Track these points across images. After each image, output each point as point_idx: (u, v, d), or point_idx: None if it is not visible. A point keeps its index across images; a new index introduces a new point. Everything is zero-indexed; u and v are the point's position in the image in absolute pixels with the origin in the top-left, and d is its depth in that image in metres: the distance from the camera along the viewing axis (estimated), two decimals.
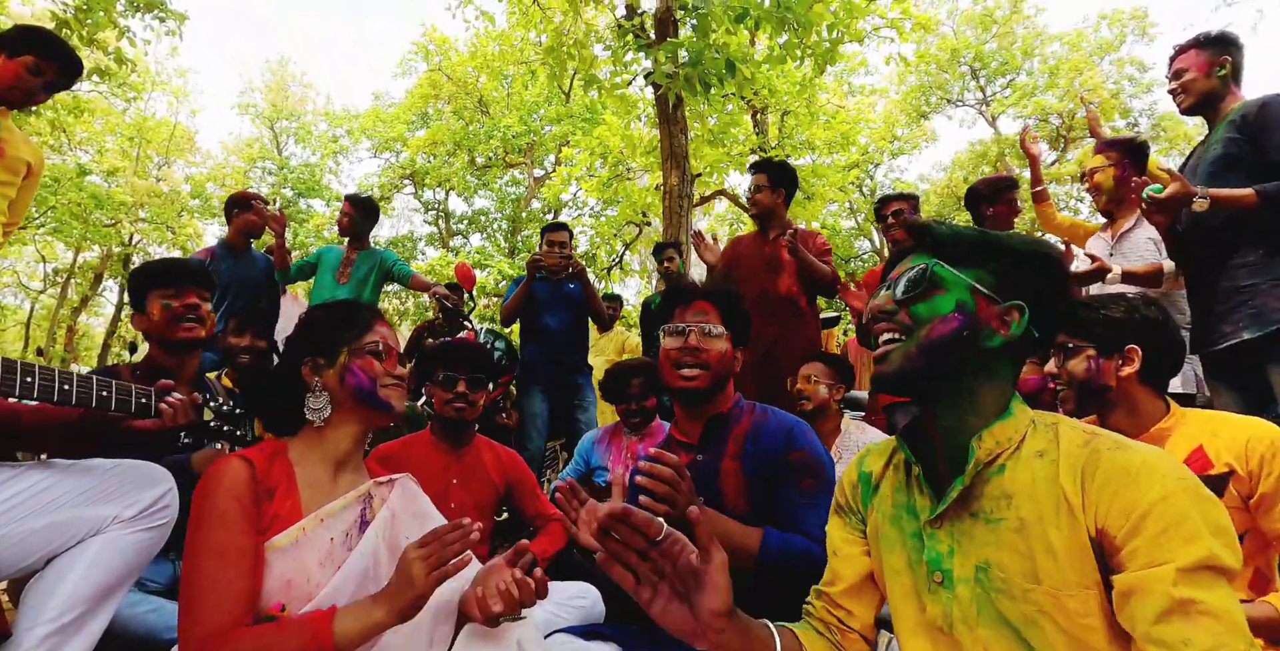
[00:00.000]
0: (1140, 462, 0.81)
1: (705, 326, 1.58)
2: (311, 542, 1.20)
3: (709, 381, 1.56)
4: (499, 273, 16.51)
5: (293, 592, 1.16)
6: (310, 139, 23.20)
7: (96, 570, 1.23)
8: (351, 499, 1.29)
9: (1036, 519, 0.85)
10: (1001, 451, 0.91)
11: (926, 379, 0.95)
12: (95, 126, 18.74)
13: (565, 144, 17.73)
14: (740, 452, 1.52)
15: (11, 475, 1.25)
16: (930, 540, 0.95)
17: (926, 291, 0.95)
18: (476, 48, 17.96)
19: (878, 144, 20.05)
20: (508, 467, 2.35)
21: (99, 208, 17.59)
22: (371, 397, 1.32)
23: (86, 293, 21.18)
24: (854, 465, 1.15)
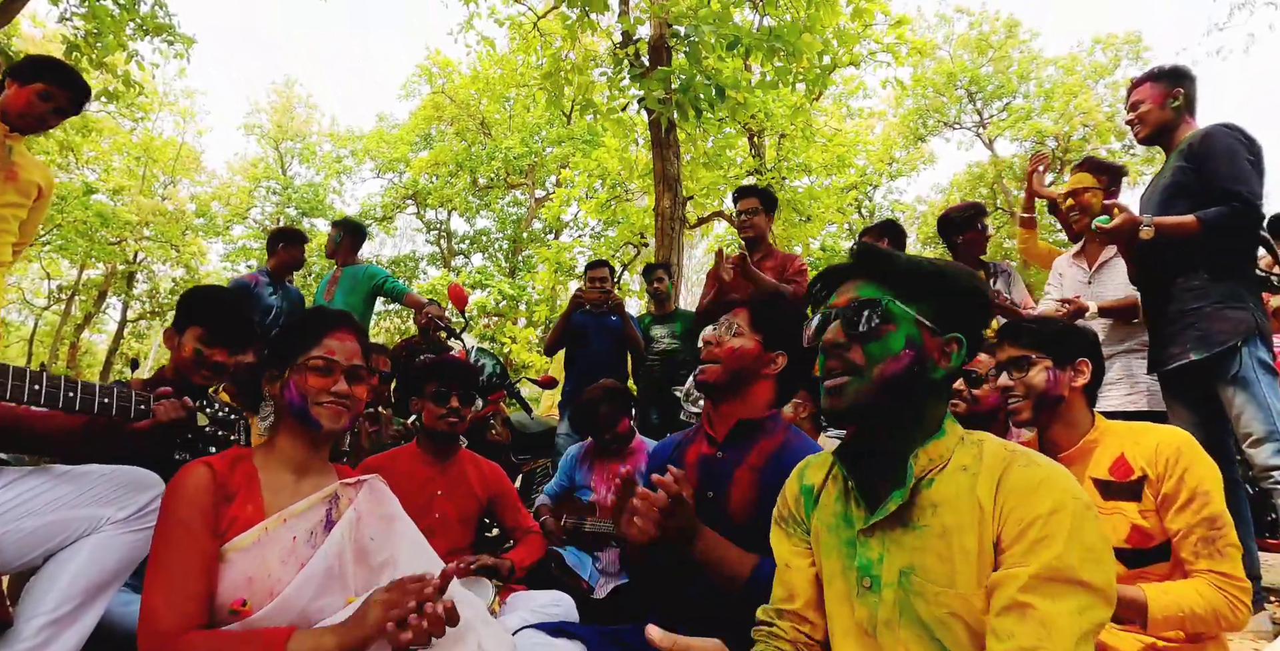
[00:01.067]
0: (1042, 478, 0.90)
1: (728, 324, 1.63)
2: (274, 541, 1.26)
3: (720, 375, 1.59)
4: (499, 292, 16.61)
5: (254, 588, 1.21)
6: (314, 159, 23.49)
7: (90, 567, 1.32)
8: (316, 500, 1.34)
9: (956, 526, 0.93)
10: (934, 467, 0.99)
11: (882, 412, 1.00)
12: (103, 146, 19.06)
13: (565, 166, 17.95)
14: (761, 466, 1.53)
15: (13, 478, 1.35)
16: (862, 547, 1.02)
17: (878, 328, 1.00)
18: (479, 71, 18.27)
19: (875, 166, 20.31)
20: (490, 481, 2.43)
21: (104, 226, 17.81)
22: (302, 414, 1.34)
23: (90, 309, 21.33)
24: (795, 477, 1.23)
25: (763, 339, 1.61)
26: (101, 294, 21.16)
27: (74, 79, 2.62)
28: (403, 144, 21.75)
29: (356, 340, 1.45)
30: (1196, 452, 1.48)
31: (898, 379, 0.98)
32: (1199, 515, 1.42)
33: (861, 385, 0.99)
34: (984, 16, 20.10)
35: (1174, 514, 1.44)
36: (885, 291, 1.02)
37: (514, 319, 17.65)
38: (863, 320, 1.00)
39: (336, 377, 1.37)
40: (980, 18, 20.12)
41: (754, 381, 1.61)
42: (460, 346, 4.30)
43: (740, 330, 1.62)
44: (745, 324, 1.63)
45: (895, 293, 1.01)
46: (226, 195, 22.77)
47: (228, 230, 22.05)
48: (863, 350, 1.00)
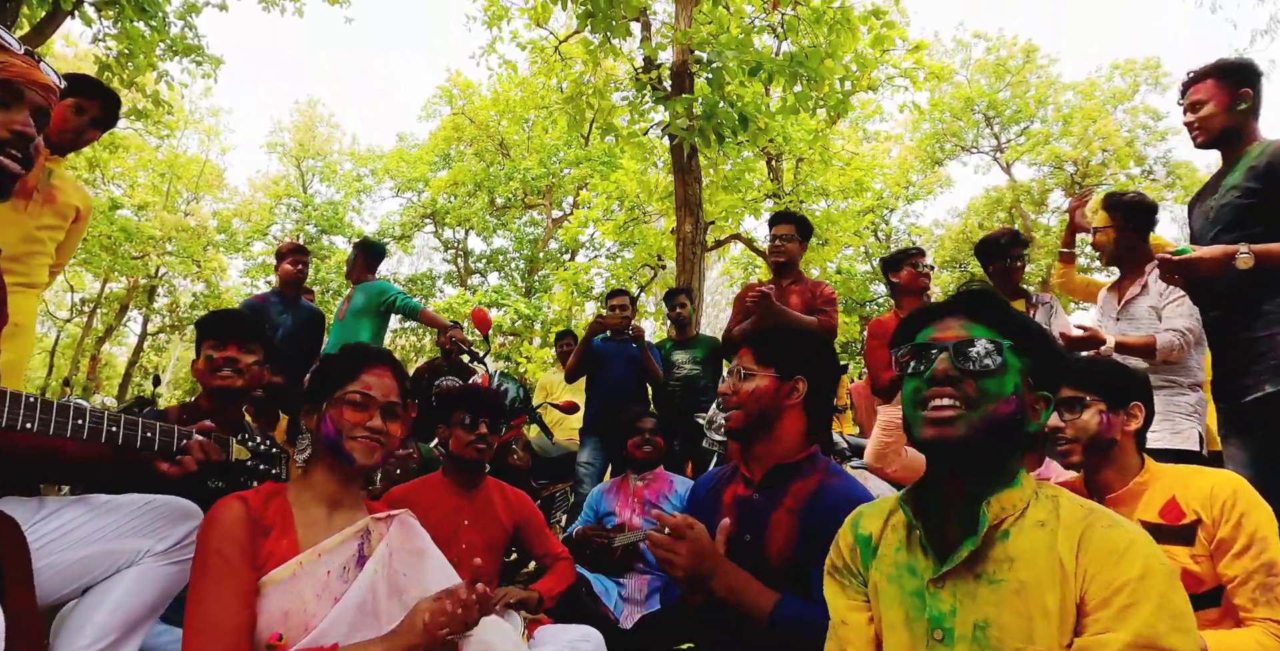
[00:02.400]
0: (1129, 542, 0.88)
1: (737, 370, 1.63)
2: (309, 576, 1.27)
3: (744, 421, 1.58)
4: (515, 312, 16.66)
5: (290, 623, 1.22)
6: (335, 177, 23.79)
7: (130, 600, 1.32)
8: (349, 534, 1.36)
9: (1035, 582, 0.92)
10: (1006, 516, 0.97)
11: (981, 452, 1.00)
12: (129, 162, 19.44)
13: (583, 187, 18.09)
14: (798, 508, 1.51)
15: (54, 510, 1.34)
16: (933, 599, 1.00)
17: (995, 371, 1.00)
18: (499, 93, 18.48)
19: (892, 189, 20.28)
20: (516, 508, 2.41)
21: (128, 240, 18.12)
22: (337, 449, 1.36)
23: (111, 323, 21.61)
24: (849, 527, 1.20)
25: (776, 371, 1.59)
26: (123, 307, 21.45)
27: (102, 89, 2.65)
28: (422, 163, 22.01)
29: (394, 377, 1.47)
30: (1253, 497, 1.44)
31: (1002, 422, 0.98)
32: (1257, 561, 1.38)
33: (974, 418, 0.98)
34: (1002, 41, 20.16)
35: (1230, 559, 1.40)
36: (1000, 336, 1.02)
37: (529, 338, 17.69)
38: (980, 357, 1.00)
39: (372, 413, 1.39)
40: (998, 43, 20.19)
41: (781, 416, 1.59)
42: (483, 370, 4.30)
43: (751, 372, 1.61)
44: (753, 363, 1.62)
45: (1001, 339, 1.02)
46: (248, 212, 23.08)
47: (248, 246, 22.32)
48: (976, 386, 0.99)
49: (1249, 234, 2.14)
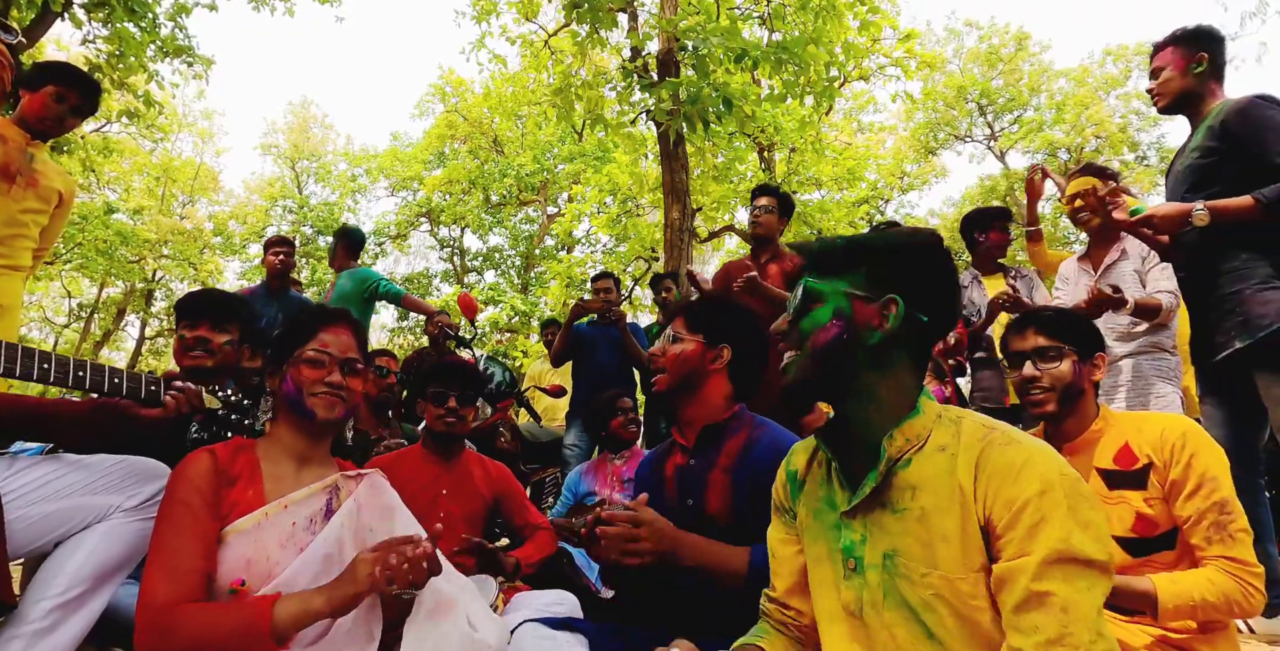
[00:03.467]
0: (1025, 459, 0.88)
1: (668, 334, 1.68)
2: (274, 526, 1.31)
3: (669, 382, 1.64)
4: (511, 308, 16.68)
5: (253, 570, 1.25)
6: (330, 178, 23.80)
7: (98, 553, 1.35)
8: (317, 488, 1.39)
9: (935, 508, 0.93)
10: (911, 447, 0.98)
11: (820, 383, 1.04)
12: (123, 166, 19.41)
13: (577, 182, 18.10)
14: (731, 465, 1.55)
15: (25, 465, 1.38)
16: (846, 530, 1.03)
17: (806, 307, 1.05)
18: (491, 89, 18.51)
19: (887, 180, 20.34)
20: (495, 480, 2.44)
21: (124, 244, 18.12)
22: (298, 405, 1.40)
23: (109, 327, 21.63)
24: (783, 464, 1.24)
25: (704, 338, 1.66)
26: (120, 312, 21.48)
27: (81, 76, 2.67)
28: (416, 162, 22.01)
29: (352, 335, 1.50)
30: (1202, 438, 1.46)
31: (827, 348, 1.01)
32: (1209, 500, 1.40)
33: (801, 358, 1.04)
34: (994, 30, 20.20)
35: (1183, 501, 1.43)
36: (813, 274, 1.07)
37: (527, 334, 17.72)
38: (793, 304, 1.07)
39: (331, 369, 1.42)
40: (990, 31, 20.23)
41: (705, 379, 1.65)
42: (470, 355, 4.33)
43: (680, 336, 1.67)
44: (684, 329, 1.68)
45: (819, 273, 1.07)
46: (244, 214, 23.09)
47: (244, 248, 22.35)
48: (797, 328, 1.05)
49: (1210, 193, 2.19)
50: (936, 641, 0.91)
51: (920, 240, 1.06)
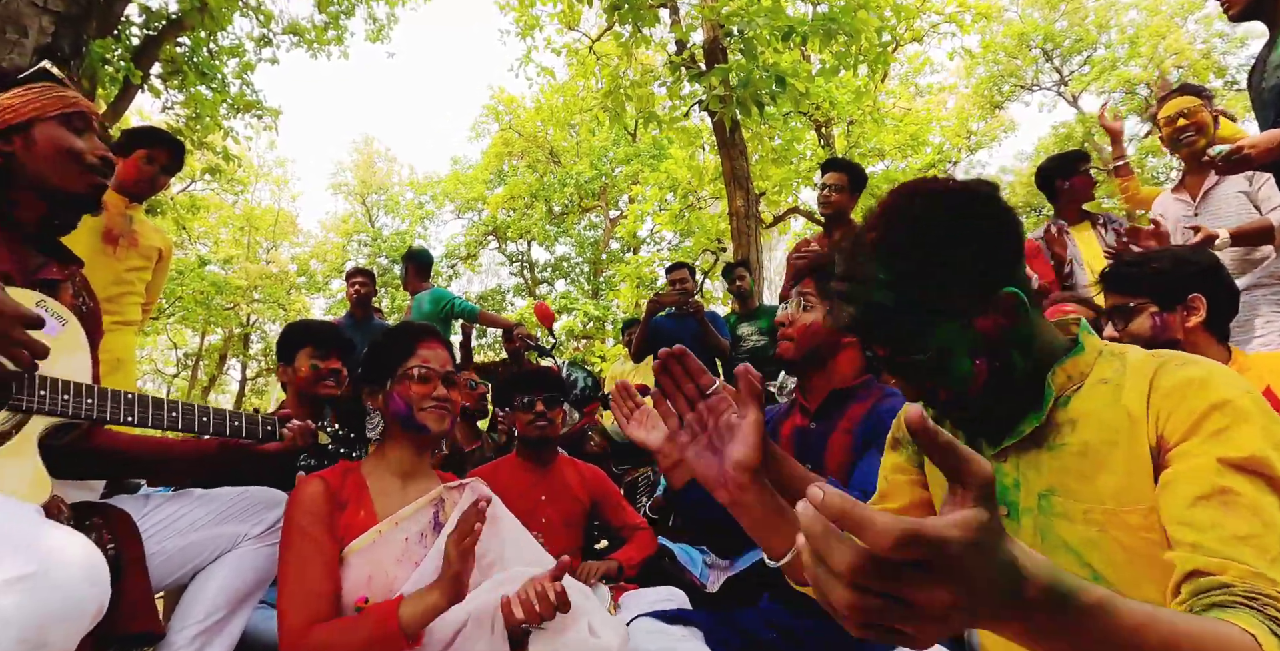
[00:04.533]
0: (1205, 374, 0.79)
1: (799, 299, 1.60)
2: (388, 543, 1.36)
3: (796, 352, 1.58)
4: (584, 314, 16.85)
5: (374, 587, 1.31)
6: (399, 208, 24.60)
7: (232, 580, 1.42)
8: (423, 502, 1.44)
9: (1099, 440, 0.85)
10: (1072, 385, 0.90)
11: (1012, 400, 0.93)
12: (210, 221, 20.70)
13: (636, 182, 18.14)
14: (852, 428, 1.50)
15: (158, 503, 1.47)
16: (996, 474, 0.93)
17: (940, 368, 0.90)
18: (542, 102, 18.79)
19: (953, 141, 19.48)
20: (591, 483, 2.46)
21: (219, 293, 19.30)
22: (409, 421, 1.44)
23: (214, 372, 23.06)
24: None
25: None
26: (222, 357, 22.89)
27: (165, 137, 2.85)
28: (478, 183, 22.52)
29: (445, 347, 1.56)
30: None
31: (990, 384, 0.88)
32: None
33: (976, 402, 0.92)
34: None
35: None
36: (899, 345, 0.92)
37: (602, 339, 17.86)
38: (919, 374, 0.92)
39: (435, 383, 1.47)
40: None
41: (836, 352, 1.58)
42: (552, 362, 4.37)
43: (811, 304, 1.58)
44: (814, 294, 1.59)
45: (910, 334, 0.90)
46: (323, 252, 24.15)
47: (327, 285, 23.35)
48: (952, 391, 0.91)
49: None
50: (1104, 581, 0.82)
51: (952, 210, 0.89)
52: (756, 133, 8.41)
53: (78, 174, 1.29)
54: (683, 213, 12.77)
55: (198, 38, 9.92)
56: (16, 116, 1.26)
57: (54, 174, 1.27)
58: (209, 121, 10.54)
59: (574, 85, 15.16)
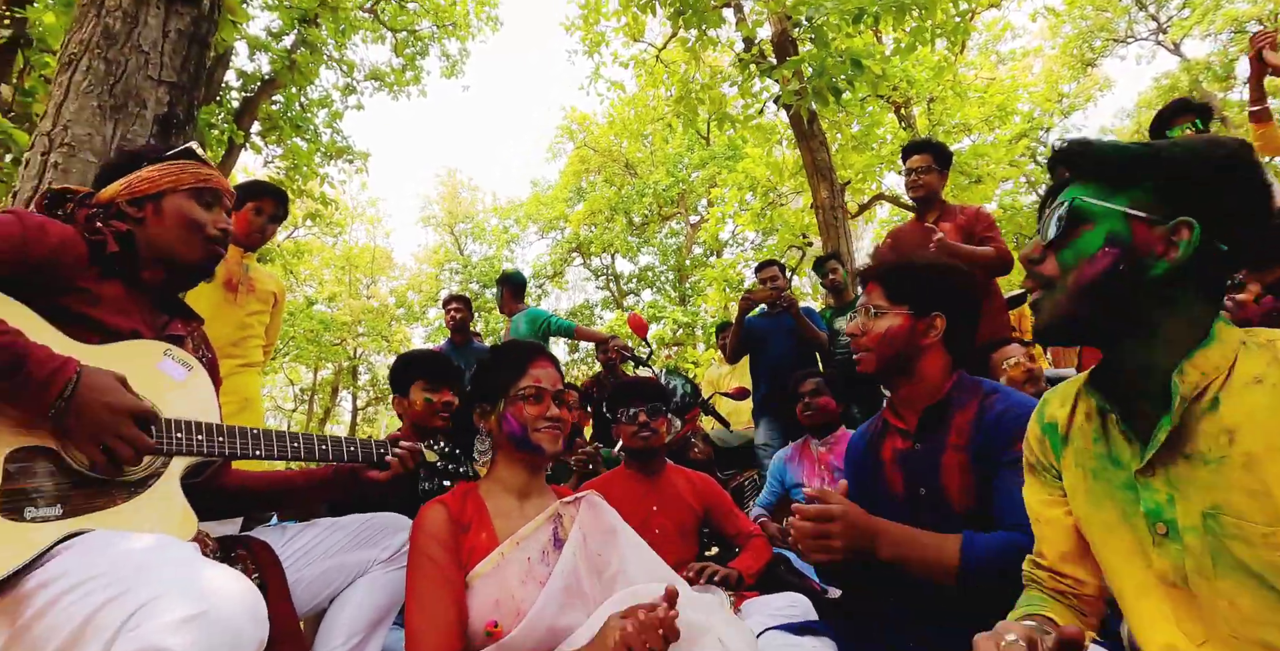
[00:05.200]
0: None
1: (865, 307, 1.52)
2: (511, 564, 1.35)
3: (875, 364, 1.49)
4: (673, 322, 16.84)
5: (502, 610, 1.30)
6: (485, 235, 25.41)
7: (366, 604, 1.48)
8: (541, 520, 1.43)
9: (1266, 450, 0.75)
10: (1209, 382, 0.80)
11: (1086, 324, 0.88)
12: (313, 263, 22.05)
13: (714, 185, 18.04)
14: (964, 443, 1.39)
15: (293, 534, 1.54)
16: (1144, 489, 0.85)
17: (1071, 230, 0.87)
18: (614, 116, 19.02)
19: (1043, 107, 18.34)
20: (702, 491, 2.41)
21: (327, 330, 20.54)
22: (524, 442, 1.44)
23: (328, 405, 24.49)
24: (1035, 418, 1.07)
25: (910, 308, 1.47)
26: (334, 390, 24.32)
27: (271, 188, 3.03)
28: (558, 202, 22.99)
29: (555, 367, 1.55)
30: None
31: (1097, 284, 0.84)
32: None
33: (1057, 295, 0.88)
34: None
35: None
36: (1085, 188, 0.88)
37: (693, 344, 17.79)
38: (1049, 227, 0.89)
39: (547, 403, 1.46)
40: None
41: (919, 355, 1.48)
42: (650, 372, 4.35)
43: (881, 309, 1.49)
44: (884, 300, 1.50)
45: (1096, 187, 0.87)
46: (418, 283, 25.23)
47: (424, 314, 24.34)
48: (1056, 259, 0.88)
49: None
50: None
51: (1227, 149, 0.84)
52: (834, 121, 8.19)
53: (197, 244, 1.38)
54: (764, 211, 12.57)
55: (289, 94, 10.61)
56: (152, 187, 1.36)
57: (176, 242, 1.36)
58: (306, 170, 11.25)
59: (644, 96, 15.28)
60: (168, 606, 0.85)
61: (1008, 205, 15.35)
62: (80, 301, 1.22)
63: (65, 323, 1.18)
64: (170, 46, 2.19)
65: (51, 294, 1.19)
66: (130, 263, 1.33)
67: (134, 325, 1.29)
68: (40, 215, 1.25)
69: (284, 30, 10.35)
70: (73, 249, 1.22)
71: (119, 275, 1.31)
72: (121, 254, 1.30)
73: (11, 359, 1.02)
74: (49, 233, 1.20)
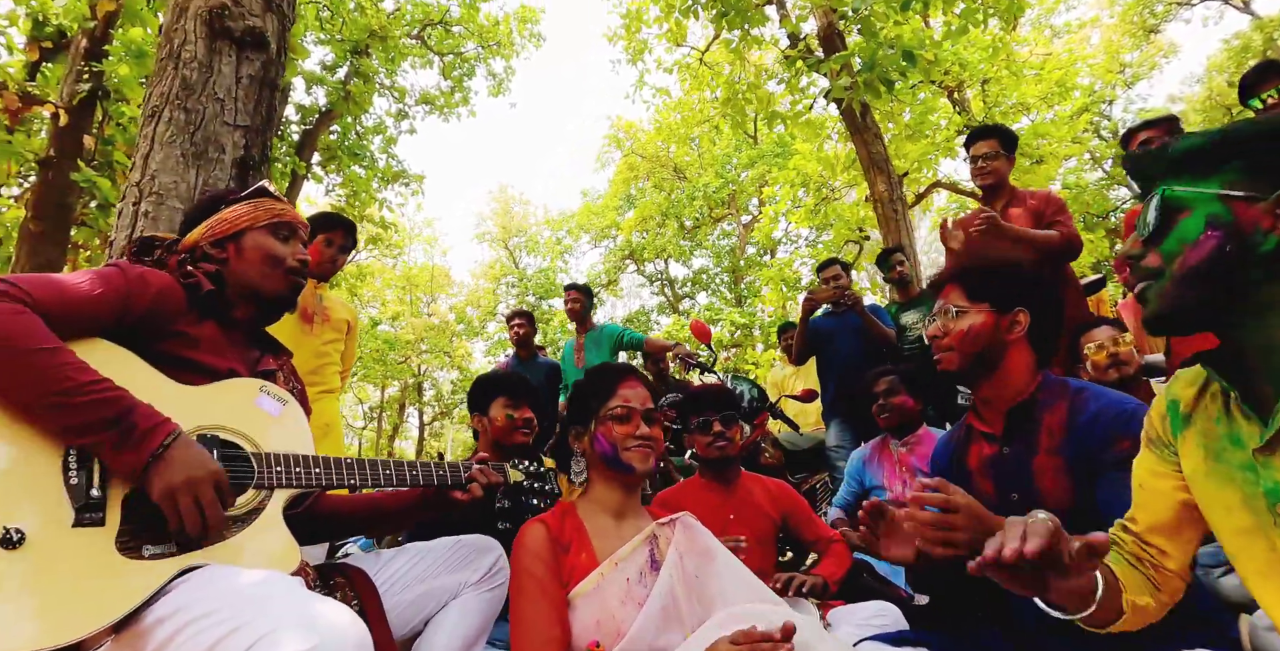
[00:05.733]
0: None
1: (944, 309, 1.49)
2: (611, 585, 1.36)
3: (959, 361, 1.45)
4: (730, 323, 16.73)
5: (602, 631, 1.31)
6: (539, 247, 25.77)
7: (461, 626, 1.50)
8: (639, 542, 1.44)
9: None
10: None
11: (1197, 310, 0.86)
12: (376, 285, 22.74)
13: (765, 184, 17.87)
14: (1058, 445, 1.35)
15: (386, 560, 1.57)
16: (1264, 469, 0.83)
17: (1168, 221, 0.86)
18: (660, 122, 19.07)
19: (1105, 79, 17.56)
20: (779, 497, 2.37)
21: (391, 349, 21.23)
22: (615, 461, 1.47)
23: (396, 421, 25.25)
24: (1162, 394, 1.04)
25: (992, 305, 1.44)
26: (401, 406, 25.09)
27: (339, 219, 3.13)
28: (609, 210, 23.15)
29: (644, 386, 1.57)
30: None
31: (1204, 268, 0.83)
32: None
33: (1164, 285, 0.86)
34: None
35: None
36: (1174, 180, 0.87)
37: (751, 345, 17.62)
38: (1148, 221, 0.87)
39: (637, 422, 1.48)
40: None
41: (1004, 353, 1.44)
42: (715, 378, 4.32)
43: (962, 308, 1.46)
44: (964, 299, 1.47)
45: (1183, 176, 0.86)
46: (476, 299, 25.76)
47: (484, 329, 24.85)
48: (1157, 250, 0.87)
49: None
50: None
51: None
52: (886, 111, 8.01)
53: (279, 277, 1.44)
54: (818, 207, 12.35)
55: (345, 123, 10.99)
56: (231, 228, 1.43)
57: (258, 276, 1.42)
58: (365, 196, 11.63)
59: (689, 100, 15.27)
60: (283, 640, 0.88)
61: (1072, 184, 14.72)
62: (181, 345, 1.28)
63: (169, 366, 1.23)
64: (243, 91, 2.30)
65: (155, 339, 1.25)
66: (222, 302, 1.39)
67: (230, 364, 1.34)
68: (140, 266, 1.31)
69: (337, 63, 10.75)
70: (172, 295, 1.29)
71: (214, 316, 1.37)
72: (215, 293, 1.37)
73: (120, 411, 1.07)
74: (149, 282, 1.26)
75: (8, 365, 1.02)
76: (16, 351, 1.02)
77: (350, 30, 10.47)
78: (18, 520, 0.98)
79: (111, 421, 1.06)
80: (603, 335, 4.75)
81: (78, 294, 1.16)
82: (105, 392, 1.07)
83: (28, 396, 1.04)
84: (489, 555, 1.60)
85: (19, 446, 1.04)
